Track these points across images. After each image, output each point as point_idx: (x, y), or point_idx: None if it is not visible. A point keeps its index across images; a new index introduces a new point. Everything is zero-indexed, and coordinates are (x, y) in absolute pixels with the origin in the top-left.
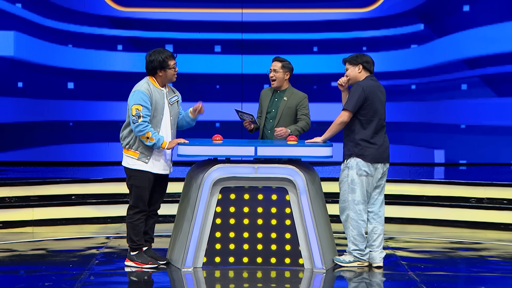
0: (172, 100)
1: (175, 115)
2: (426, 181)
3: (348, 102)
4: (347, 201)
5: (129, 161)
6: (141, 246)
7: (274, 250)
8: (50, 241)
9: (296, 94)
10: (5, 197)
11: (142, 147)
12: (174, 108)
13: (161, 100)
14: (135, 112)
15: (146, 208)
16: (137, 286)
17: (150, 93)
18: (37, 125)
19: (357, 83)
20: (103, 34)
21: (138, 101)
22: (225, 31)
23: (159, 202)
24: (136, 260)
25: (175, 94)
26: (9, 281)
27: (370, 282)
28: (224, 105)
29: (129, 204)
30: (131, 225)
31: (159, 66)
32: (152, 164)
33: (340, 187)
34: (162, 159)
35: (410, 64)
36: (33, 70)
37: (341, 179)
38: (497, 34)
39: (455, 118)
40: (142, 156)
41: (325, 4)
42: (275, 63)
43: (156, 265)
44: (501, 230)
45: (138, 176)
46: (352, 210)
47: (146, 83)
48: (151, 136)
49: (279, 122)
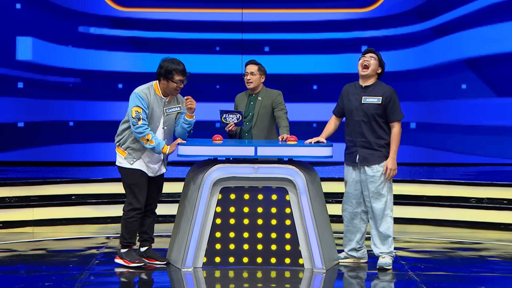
0: (169, 111)
1: (170, 126)
2: (426, 181)
3: (399, 110)
4: (388, 202)
5: (119, 159)
6: (131, 244)
7: (274, 250)
8: (50, 241)
9: (270, 92)
10: (5, 197)
11: (131, 148)
12: (170, 119)
13: (158, 108)
14: (135, 114)
15: (141, 206)
16: (137, 286)
17: (148, 98)
18: (37, 125)
19: (391, 89)
20: (103, 34)
21: (137, 103)
22: (225, 31)
23: (156, 201)
24: (125, 258)
25: (178, 105)
26: (9, 281)
27: (370, 282)
28: (224, 105)
29: (125, 202)
30: (125, 222)
31: (164, 74)
32: (138, 166)
33: (380, 191)
34: (151, 163)
35: (410, 64)
36: (33, 70)
37: (379, 182)
38: (497, 34)
39: (455, 118)
40: (128, 157)
41: (325, 4)
42: (251, 66)
43: (142, 264)
44: (501, 230)
45: (128, 174)
46: (391, 210)
47: (147, 88)
48: (151, 139)
49: (256, 122)
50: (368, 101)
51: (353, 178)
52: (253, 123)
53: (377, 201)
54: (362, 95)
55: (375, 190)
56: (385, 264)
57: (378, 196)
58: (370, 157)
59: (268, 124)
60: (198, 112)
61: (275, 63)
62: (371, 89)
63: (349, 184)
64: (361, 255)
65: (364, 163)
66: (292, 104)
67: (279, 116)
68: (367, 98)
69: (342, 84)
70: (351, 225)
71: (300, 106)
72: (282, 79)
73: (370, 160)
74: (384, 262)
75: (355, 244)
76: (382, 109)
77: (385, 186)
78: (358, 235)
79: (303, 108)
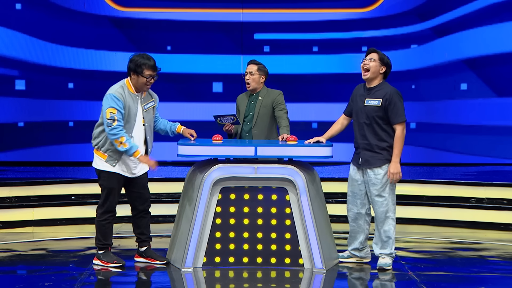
0: (147, 107)
1: (150, 121)
2: (426, 181)
3: (401, 112)
4: (389, 204)
5: (98, 161)
6: (108, 245)
7: (274, 250)
8: (50, 241)
9: (270, 92)
10: (5, 197)
11: (111, 150)
12: (149, 114)
13: (134, 105)
14: (110, 116)
15: (114, 209)
16: (137, 286)
17: (124, 98)
18: (37, 125)
19: (393, 91)
20: (103, 34)
21: (112, 104)
22: (225, 31)
23: (148, 200)
24: (102, 259)
25: (152, 99)
26: (9, 281)
27: (370, 282)
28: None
29: (98, 204)
30: (99, 225)
31: (134, 69)
32: (119, 167)
33: (381, 193)
34: (131, 163)
35: (410, 64)
36: (33, 70)
37: (381, 185)
38: (497, 34)
39: (455, 118)
40: (109, 159)
41: (325, 4)
42: (251, 66)
43: (121, 264)
44: (501, 230)
45: (106, 177)
46: (393, 212)
47: (120, 87)
48: (124, 142)
49: (257, 122)
50: (370, 103)
51: (358, 178)
52: (253, 122)
53: (379, 203)
54: (366, 97)
55: (376, 193)
56: (385, 264)
57: (380, 199)
58: (371, 159)
59: (269, 124)
60: (198, 112)
61: (275, 63)
62: (375, 91)
63: (354, 184)
64: (364, 254)
65: (366, 165)
66: (292, 104)
67: (280, 116)
68: (370, 100)
69: (342, 84)
70: (356, 225)
71: (300, 106)
72: (282, 79)
73: (371, 163)
74: (384, 263)
75: (358, 245)
76: (383, 111)
77: (386, 189)
78: (362, 235)
79: (303, 108)
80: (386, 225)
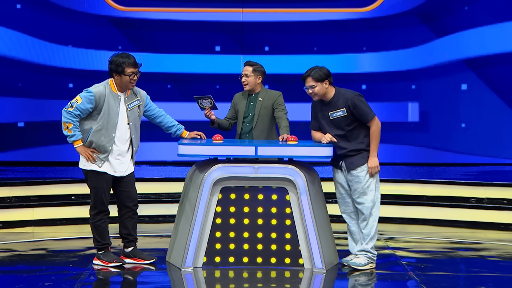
0: (131, 106)
1: (135, 120)
2: (426, 181)
3: (367, 110)
4: (375, 200)
5: (84, 162)
6: (106, 245)
7: (274, 250)
8: (50, 241)
9: (270, 93)
10: (5, 197)
11: (96, 148)
12: (133, 113)
13: (115, 105)
14: (74, 101)
15: (106, 208)
16: (136, 286)
17: (102, 98)
18: (37, 125)
19: (350, 95)
20: (103, 34)
21: (83, 96)
22: (225, 31)
23: (135, 200)
24: (102, 258)
25: (136, 98)
26: (9, 281)
27: (370, 282)
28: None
29: (90, 205)
30: (94, 226)
31: (115, 69)
32: (105, 167)
33: (366, 190)
34: (115, 162)
35: (410, 64)
36: (33, 70)
37: (365, 181)
38: (497, 34)
39: (455, 118)
40: (96, 159)
41: (325, 4)
42: (246, 68)
43: (121, 263)
44: (501, 230)
45: (93, 177)
46: (378, 208)
47: (103, 86)
48: (70, 128)
49: (257, 123)
50: (336, 115)
51: (342, 179)
52: (254, 124)
53: (363, 200)
54: (328, 111)
55: (361, 190)
56: (357, 264)
57: (364, 196)
58: (355, 161)
59: (269, 125)
60: (197, 112)
61: (275, 63)
62: (334, 102)
63: (340, 185)
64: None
65: (350, 168)
66: (292, 104)
67: (280, 116)
68: (334, 113)
69: (341, 84)
70: (356, 224)
71: (300, 106)
72: (282, 79)
73: (355, 164)
74: (358, 263)
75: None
76: (351, 117)
77: (370, 185)
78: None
79: (303, 108)
80: (369, 222)
